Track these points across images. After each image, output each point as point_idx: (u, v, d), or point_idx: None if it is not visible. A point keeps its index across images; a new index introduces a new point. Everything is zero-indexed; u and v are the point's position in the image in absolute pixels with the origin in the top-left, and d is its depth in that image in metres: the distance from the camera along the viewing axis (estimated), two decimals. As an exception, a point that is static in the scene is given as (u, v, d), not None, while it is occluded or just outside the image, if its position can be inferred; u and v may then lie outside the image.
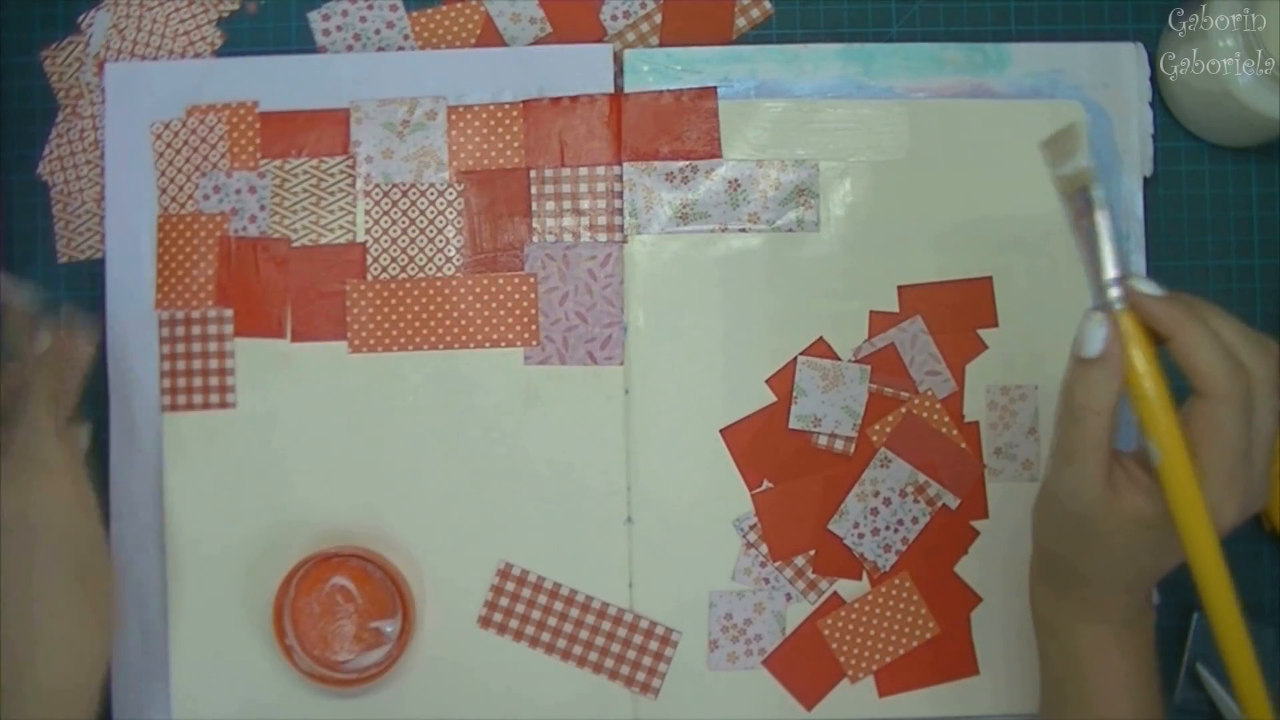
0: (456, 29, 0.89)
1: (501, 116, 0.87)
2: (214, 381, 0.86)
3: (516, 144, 0.87)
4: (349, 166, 0.87)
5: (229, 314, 0.87)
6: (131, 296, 0.87)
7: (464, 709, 0.86)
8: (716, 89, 0.88)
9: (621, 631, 0.86)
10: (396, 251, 0.87)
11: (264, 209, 0.87)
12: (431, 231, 0.87)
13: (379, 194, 0.87)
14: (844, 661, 0.86)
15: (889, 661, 0.86)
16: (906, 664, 0.86)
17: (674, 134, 0.87)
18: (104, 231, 0.88)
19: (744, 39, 0.90)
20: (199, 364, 0.86)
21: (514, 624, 0.86)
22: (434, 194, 0.87)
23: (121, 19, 0.89)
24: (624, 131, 0.87)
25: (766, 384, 0.87)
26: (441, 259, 0.87)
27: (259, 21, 0.90)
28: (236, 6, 0.90)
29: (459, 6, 0.89)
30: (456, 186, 0.87)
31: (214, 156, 0.87)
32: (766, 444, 0.87)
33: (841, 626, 0.86)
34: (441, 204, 0.87)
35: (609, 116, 0.87)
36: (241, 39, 0.90)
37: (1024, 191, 0.87)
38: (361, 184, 0.87)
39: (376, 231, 0.87)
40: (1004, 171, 0.87)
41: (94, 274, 0.88)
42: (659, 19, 0.89)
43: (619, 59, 0.88)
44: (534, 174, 0.87)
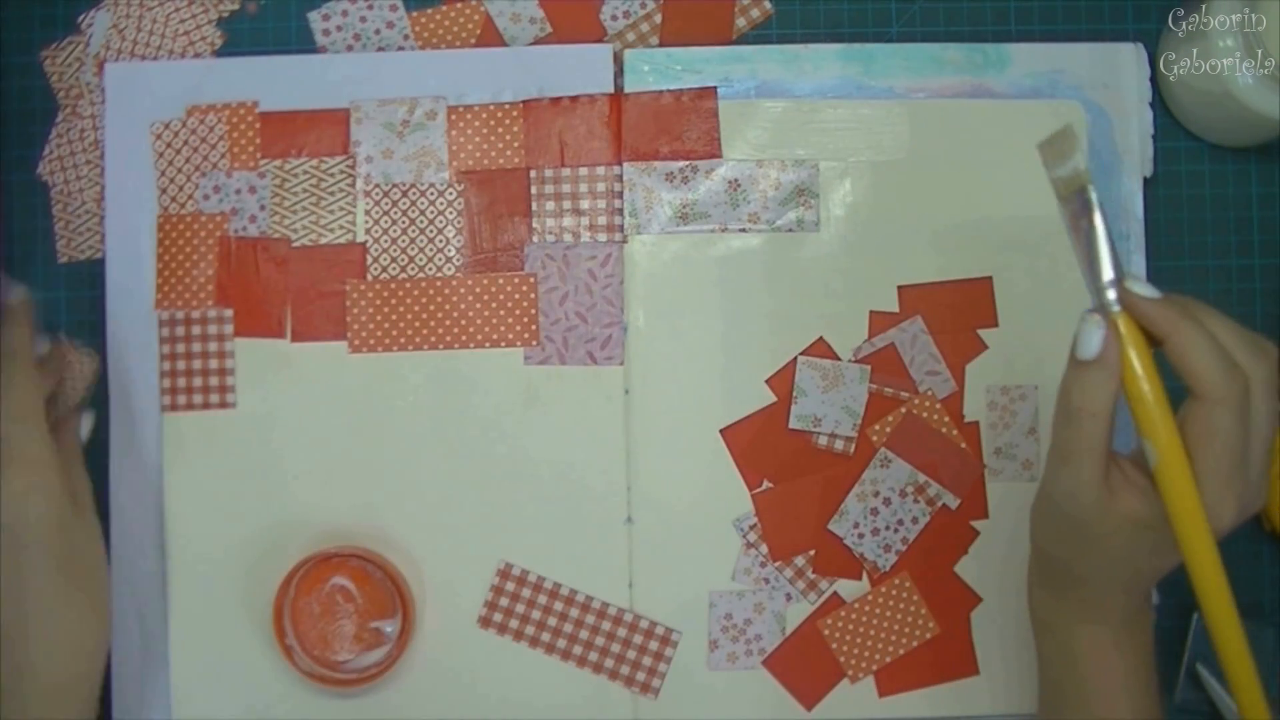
0: (456, 29, 0.89)
1: (501, 116, 0.87)
2: (214, 381, 0.86)
3: (516, 144, 0.87)
4: (349, 166, 0.87)
5: (229, 314, 0.87)
6: (131, 296, 0.87)
7: (464, 709, 0.86)
8: (716, 89, 0.88)
9: (621, 631, 0.86)
10: (396, 251, 0.87)
11: (264, 209, 0.87)
12: (431, 231, 0.87)
13: (379, 194, 0.87)
14: (844, 661, 0.86)
15: (889, 661, 0.86)
16: (906, 664, 0.86)
17: (674, 134, 0.87)
18: (104, 231, 0.88)
19: (744, 39, 0.90)
20: (199, 364, 0.86)
21: (514, 624, 0.86)
22: (434, 194, 0.87)
23: (121, 19, 0.89)
24: (624, 131, 0.87)
25: (766, 384, 0.87)
26: (441, 259, 0.87)
27: (259, 21, 0.90)
28: (236, 6, 0.90)
29: (459, 6, 0.89)
30: (456, 186, 0.87)
31: (214, 156, 0.87)
32: (766, 444, 0.87)
33: (841, 626, 0.86)
34: (441, 204, 0.87)
35: (609, 116, 0.87)
36: (241, 39, 0.90)
37: (1024, 191, 0.87)
38: (361, 184, 0.87)
39: (376, 231, 0.87)
40: (1004, 171, 0.87)
41: (94, 274, 0.88)
42: (659, 19, 0.89)
43: (619, 59, 0.88)
44: (534, 174, 0.87)
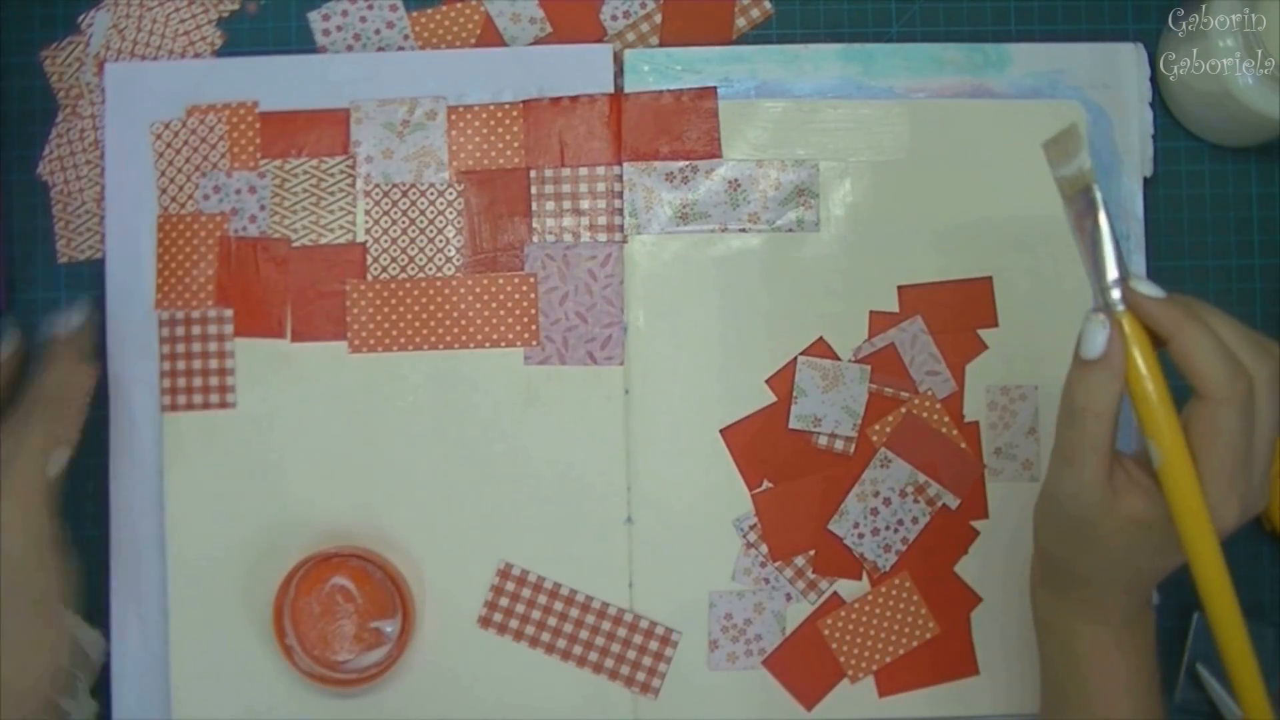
0: (456, 29, 0.89)
1: (501, 116, 0.87)
2: (214, 381, 0.86)
3: (516, 144, 0.87)
4: (349, 166, 0.87)
5: (229, 314, 0.87)
6: (131, 296, 0.87)
7: (464, 709, 0.86)
8: (716, 89, 0.88)
9: (621, 631, 0.86)
10: (396, 251, 0.87)
11: (264, 209, 0.87)
12: (431, 231, 0.87)
13: (379, 194, 0.87)
14: (844, 661, 0.86)
15: (889, 661, 0.86)
16: (906, 664, 0.86)
17: (674, 134, 0.87)
18: (104, 231, 0.88)
19: (744, 39, 0.90)
20: (199, 364, 0.86)
21: (514, 624, 0.86)
22: (434, 194, 0.87)
23: (121, 19, 0.89)
24: (624, 131, 0.87)
25: (766, 384, 0.87)
26: (441, 259, 0.87)
27: (259, 21, 0.90)
28: (236, 6, 0.90)
29: (459, 6, 0.89)
30: (456, 186, 0.87)
31: (214, 156, 0.87)
32: (766, 444, 0.87)
33: (841, 626, 0.86)
34: (441, 204, 0.87)
35: (609, 116, 0.87)
36: (241, 39, 0.90)
37: (1024, 191, 0.87)
38: (361, 184, 0.87)
39: (376, 231, 0.87)
40: (1004, 171, 0.87)
41: (94, 274, 0.88)
42: (659, 19, 0.89)
43: (619, 59, 0.88)
44: (534, 174, 0.87)
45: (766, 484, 0.87)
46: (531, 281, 0.87)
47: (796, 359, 0.87)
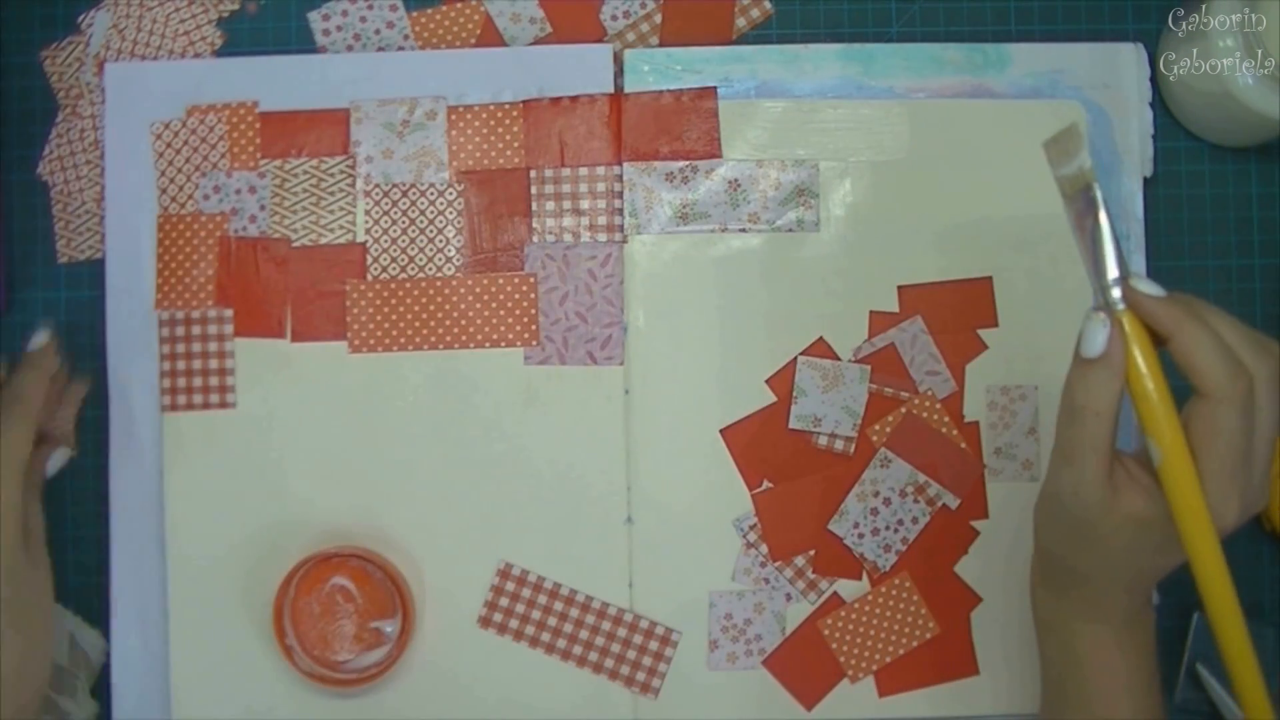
0: (456, 29, 0.89)
1: (501, 116, 0.87)
2: (214, 381, 0.86)
3: (516, 144, 0.87)
4: (349, 166, 0.87)
5: (229, 314, 0.87)
6: (131, 296, 0.87)
7: (464, 709, 0.86)
8: (716, 89, 0.88)
9: (621, 631, 0.86)
10: (396, 251, 0.87)
11: (264, 209, 0.87)
12: (431, 231, 0.87)
13: (379, 194, 0.87)
14: (844, 661, 0.86)
15: (889, 661, 0.86)
16: (906, 664, 0.86)
17: (674, 134, 0.87)
18: (104, 231, 0.88)
19: (744, 39, 0.90)
20: (199, 364, 0.86)
21: (514, 624, 0.86)
22: (434, 194, 0.87)
23: (121, 19, 0.89)
24: (624, 131, 0.87)
25: (766, 384, 0.87)
26: (441, 259, 0.87)
27: (259, 21, 0.90)
28: (236, 6, 0.90)
29: (459, 6, 0.89)
30: (456, 186, 0.87)
31: (214, 156, 0.87)
32: (766, 444, 0.87)
33: (841, 626, 0.86)
34: (441, 204, 0.87)
35: (609, 116, 0.87)
36: (241, 39, 0.90)
37: (1024, 191, 0.87)
38: (361, 184, 0.87)
39: (376, 231, 0.87)
40: (1004, 171, 0.87)
41: (94, 274, 0.88)
42: (659, 19, 0.89)
43: (619, 59, 0.88)
44: (534, 174, 0.87)
45: (766, 484, 0.87)
46: (531, 281, 0.87)
47: (796, 359, 0.87)
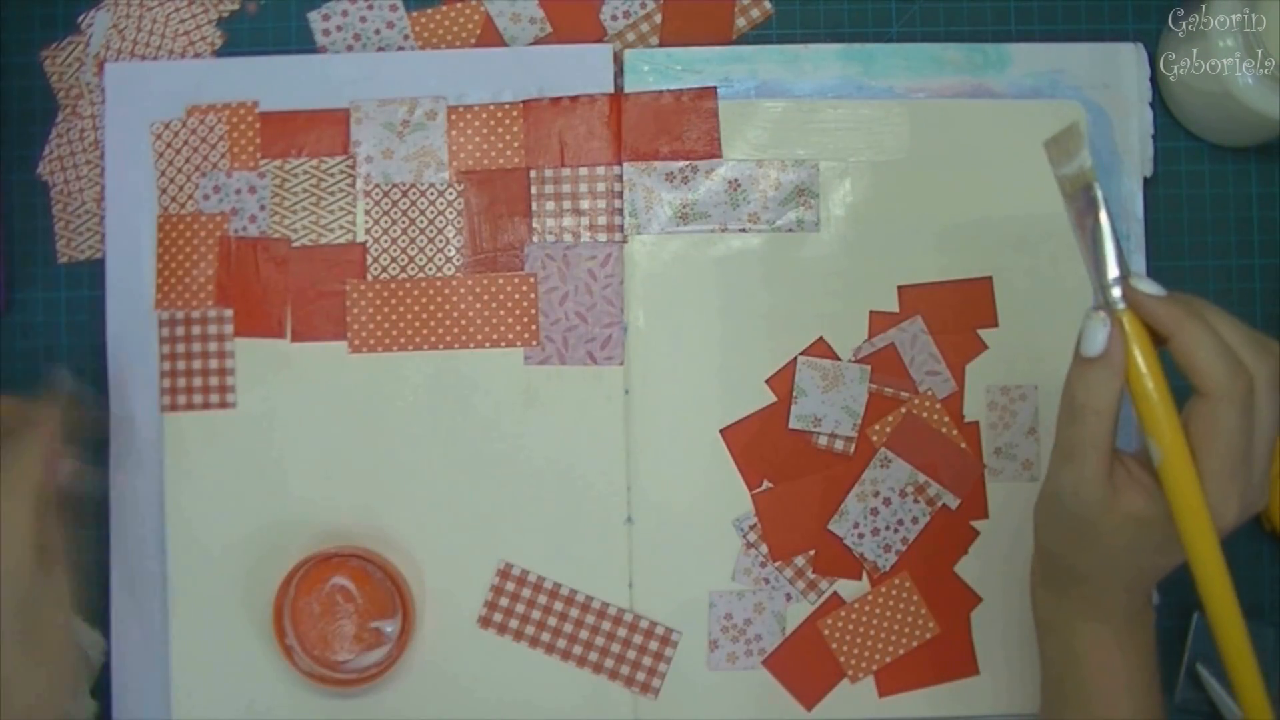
0: (456, 29, 0.89)
1: (501, 116, 0.87)
2: (214, 381, 0.86)
3: (516, 144, 0.87)
4: (349, 166, 0.87)
5: (229, 314, 0.87)
6: (131, 296, 0.87)
7: (464, 709, 0.86)
8: (716, 89, 0.88)
9: (621, 631, 0.86)
10: (396, 251, 0.87)
11: (264, 209, 0.87)
12: (431, 231, 0.87)
13: (379, 194, 0.87)
14: (844, 661, 0.86)
15: (889, 661, 0.86)
16: (906, 664, 0.86)
17: (674, 134, 0.87)
18: (104, 231, 0.88)
19: (744, 39, 0.90)
20: (199, 364, 0.86)
21: (514, 624, 0.86)
22: (434, 194, 0.87)
23: (121, 19, 0.89)
24: (624, 131, 0.87)
25: (766, 384, 0.87)
26: (441, 259, 0.87)
27: (259, 21, 0.90)
28: (236, 6, 0.90)
29: (459, 6, 0.89)
30: (456, 186, 0.87)
31: (214, 156, 0.87)
32: (766, 444, 0.87)
33: (841, 626, 0.86)
34: (441, 204, 0.87)
35: (609, 116, 0.87)
36: (241, 39, 0.90)
37: (1024, 191, 0.87)
38: (361, 184, 0.87)
39: (376, 231, 0.87)
40: (1004, 171, 0.87)
41: (94, 274, 0.88)
42: (659, 19, 0.89)
43: (619, 59, 0.88)
44: (534, 174, 0.87)
45: (766, 484, 0.87)
46: (531, 281, 0.87)
47: (796, 359, 0.87)
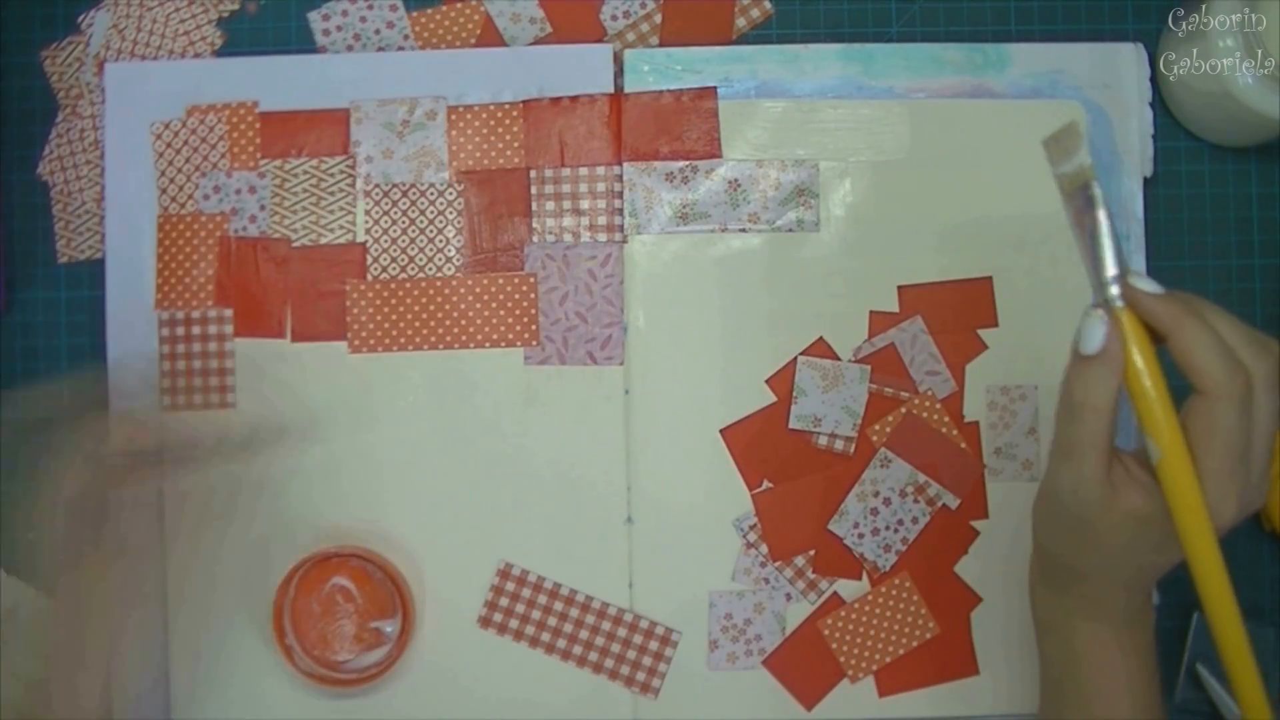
0: (456, 29, 0.89)
1: (501, 116, 0.87)
2: (214, 381, 0.86)
3: (516, 144, 0.87)
4: (349, 166, 0.87)
5: (229, 314, 0.87)
6: (131, 296, 0.87)
7: (464, 709, 0.86)
8: (716, 89, 0.88)
9: (621, 631, 0.86)
10: (396, 251, 0.87)
11: (264, 209, 0.87)
12: (431, 231, 0.87)
13: (379, 194, 0.87)
14: (844, 661, 0.86)
15: (889, 661, 0.86)
16: (906, 664, 0.86)
17: (674, 134, 0.87)
18: (104, 231, 0.88)
19: (744, 39, 0.90)
20: (199, 364, 0.86)
21: (514, 624, 0.86)
22: (434, 194, 0.87)
23: (121, 19, 0.89)
24: (624, 131, 0.87)
25: (766, 384, 0.87)
26: (441, 259, 0.87)
27: (259, 21, 0.90)
28: (236, 6, 0.90)
29: (459, 6, 0.89)
30: (456, 186, 0.87)
31: (214, 156, 0.87)
32: (766, 444, 0.87)
33: (841, 626, 0.86)
34: (441, 204, 0.87)
35: (609, 116, 0.87)
36: (241, 39, 0.90)
37: (1024, 191, 0.87)
38: (361, 184, 0.87)
39: (376, 231, 0.87)
40: (1004, 171, 0.87)
41: (94, 274, 0.88)
42: (659, 19, 0.89)
43: (619, 59, 0.88)
44: (534, 174, 0.87)
45: (766, 484, 0.86)
46: (531, 281, 0.87)
47: (796, 359, 0.87)
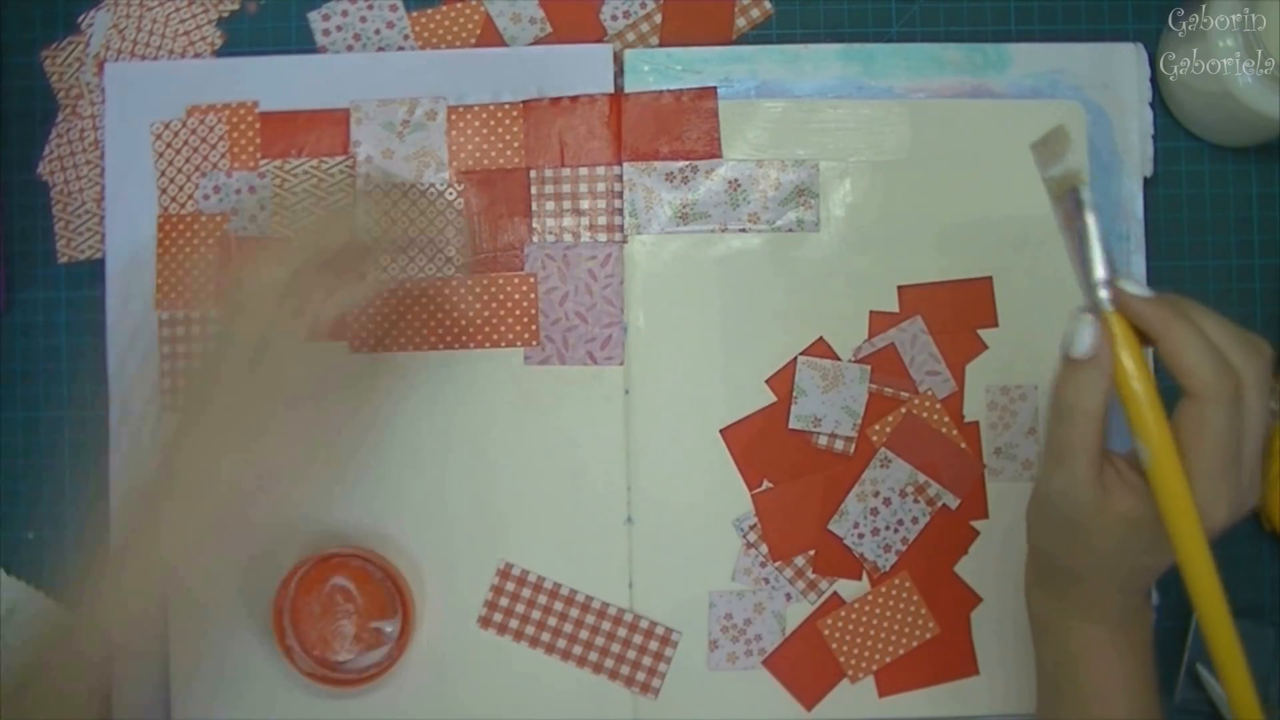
0: (456, 29, 0.89)
1: (501, 116, 0.87)
2: (214, 381, 0.86)
3: (516, 144, 0.87)
4: (349, 166, 0.87)
5: (229, 314, 0.87)
6: (131, 296, 0.87)
7: (464, 709, 0.86)
8: (716, 89, 0.88)
9: (621, 631, 0.86)
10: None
11: (264, 209, 0.87)
12: (432, 231, 0.87)
13: (379, 194, 0.87)
14: (844, 661, 0.86)
15: (889, 661, 0.86)
16: (906, 664, 0.86)
17: (674, 134, 0.87)
18: (104, 231, 0.88)
19: (744, 39, 0.90)
20: (199, 364, 0.86)
21: (514, 624, 0.86)
22: (434, 194, 0.87)
23: (121, 19, 0.89)
24: (624, 131, 0.87)
25: (766, 384, 0.87)
26: (441, 259, 0.87)
27: (259, 21, 0.90)
28: (236, 6, 0.90)
29: (459, 6, 0.89)
30: (456, 186, 0.87)
31: (214, 156, 0.87)
32: (766, 444, 0.87)
33: (841, 626, 0.86)
34: (441, 204, 0.87)
35: (609, 116, 0.87)
36: (241, 39, 0.90)
37: (1024, 191, 0.85)
38: (361, 184, 0.87)
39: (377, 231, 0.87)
40: (1004, 171, 0.87)
41: (94, 274, 0.88)
42: (659, 19, 0.89)
43: (619, 59, 0.88)
44: (534, 174, 0.87)
45: (766, 484, 0.86)
46: (531, 281, 0.87)
47: (796, 359, 0.87)
